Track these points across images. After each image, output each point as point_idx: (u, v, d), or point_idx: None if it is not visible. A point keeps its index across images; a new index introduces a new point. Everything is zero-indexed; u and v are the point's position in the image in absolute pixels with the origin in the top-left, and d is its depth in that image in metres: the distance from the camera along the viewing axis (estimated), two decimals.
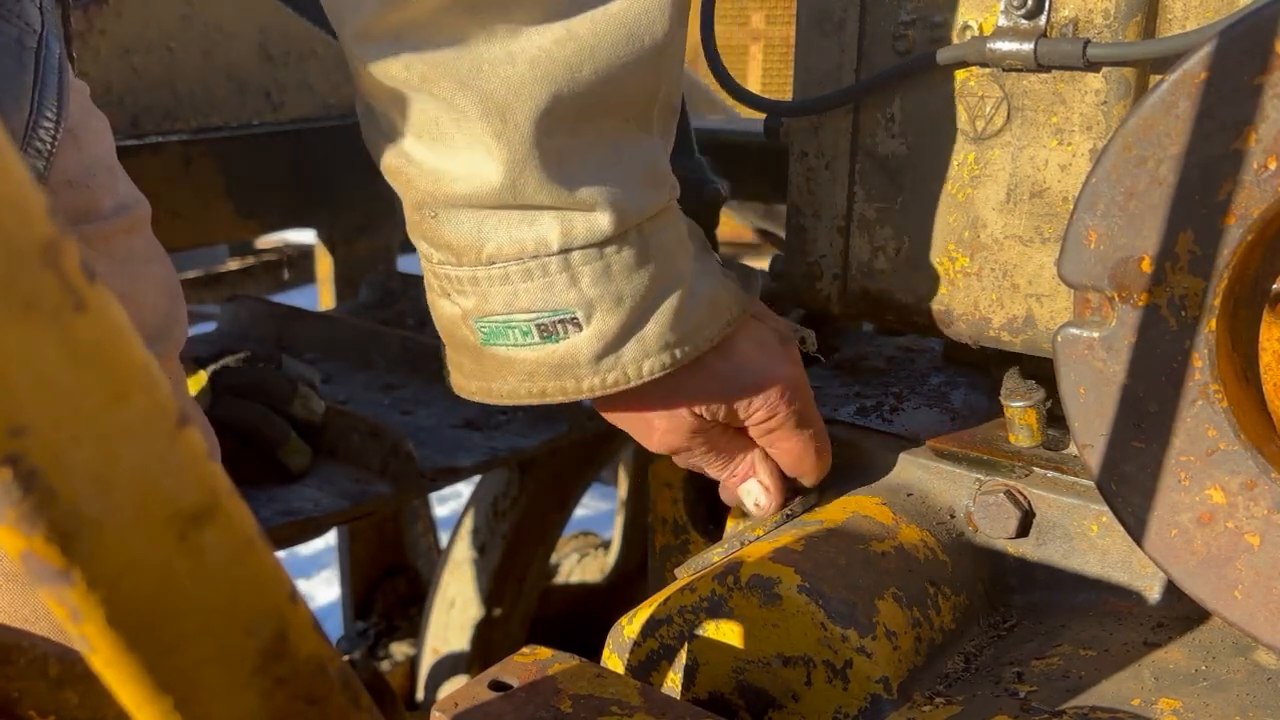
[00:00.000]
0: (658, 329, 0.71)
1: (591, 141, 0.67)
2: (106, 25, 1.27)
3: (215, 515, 0.33)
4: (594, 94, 0.66)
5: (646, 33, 0.66)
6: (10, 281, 0.27)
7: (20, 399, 0.27)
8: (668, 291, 0.72)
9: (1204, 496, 0.63)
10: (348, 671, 0.39)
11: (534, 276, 0.69)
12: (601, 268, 0.69)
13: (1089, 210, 0.63)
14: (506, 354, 0.72)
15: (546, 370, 0.72)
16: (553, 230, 0.68)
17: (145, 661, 0.32)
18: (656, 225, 0.71)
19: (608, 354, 0.71)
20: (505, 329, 0.71)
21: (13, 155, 0.27)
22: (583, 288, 0.69)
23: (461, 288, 0.71)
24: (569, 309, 0.69)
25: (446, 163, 0.67)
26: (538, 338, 0.70)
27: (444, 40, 0.63)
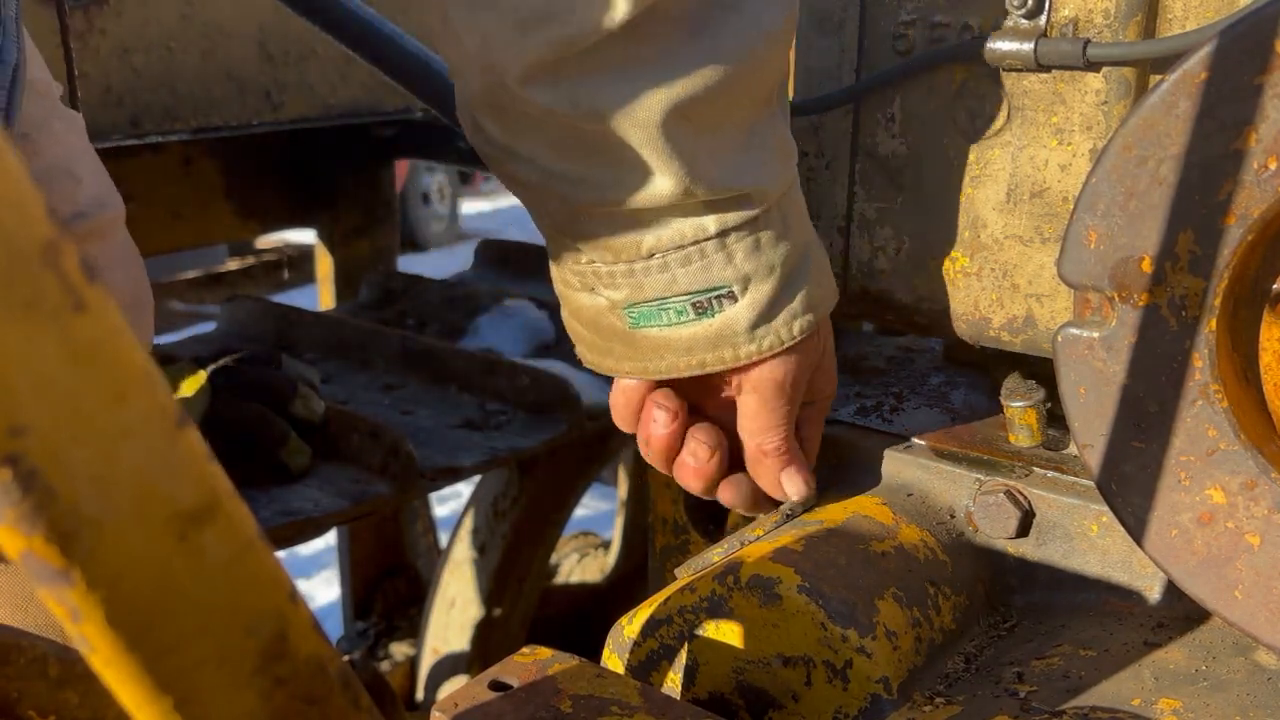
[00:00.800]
0: (803, 291, 0.76)
1: (734, 133, 0.71)
2: (106, 25, 1.27)
3: (215, 515, 0.33)
4: (736, 94, 0.70)
5: (780, 29, 0.71)
6: (10, 281, 0.27)
7: (20, 399, 0.27)
8: (805, 255, 0.77)
9: (1204, 496, 0.63)
10: (348, 671, 0.39)
11: (693, 261, 0.73)
12: (752, 243, 0.73)
13: (1089, 210, 0.63)
14: (660, 334, 0.76)
15: (705, 343, 0.75)
16: (709, 217, 0.72)
17: (145, 661, 0.32)
18: (790, 196, 0.76)
19: (762, 322, 0.75)
20: (659, 311, 0.75)
21: (12, 155, 0.27)
22: (738, 263, 0.73)
23: (613, 281, 0.74)
24: (726, 284, 0.74)
25: (610, 177, 0.70)
26: (693, 314, 0.75)
27: (605, 75, 0.67)
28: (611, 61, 0.66)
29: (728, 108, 0.70)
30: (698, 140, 0.69)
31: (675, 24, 0.67)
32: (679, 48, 0.67)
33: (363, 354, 1.40)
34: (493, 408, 1.28)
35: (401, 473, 1.09)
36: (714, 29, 0.68)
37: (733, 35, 0.68)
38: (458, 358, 1.35)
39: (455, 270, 1.86)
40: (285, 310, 1.49)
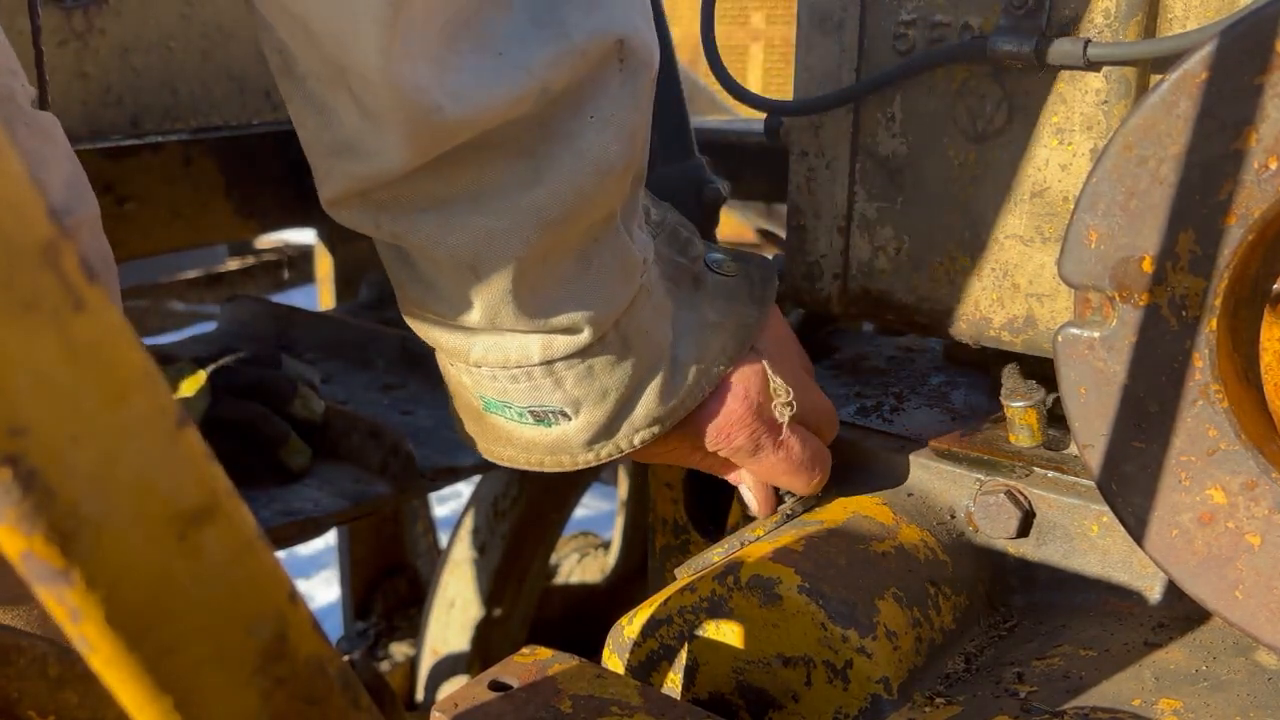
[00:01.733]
0: (645, 409, 0.74)
1: (561, 264, 0.68)
2: (106, 25, 1.27)
3: (215, 515, 0.33)
4: (562, 228, 0.66)
5: (616, 160, 0.66)
6: (10, 281, 0.27)
7: (20, 399, 0.27)
8: (652, 372, 0.73)
9: (1204, 496, 0.63)
10: (348, 672, 0.39)
11: (519, 380, 0.71)
12: (584, 370, 0.71)
13: (1089, 210, 0.63)
14: (505, 427, 0.75)
15: (542, 448, 0.75)
16: (533, 346, 0.69)
17: (145, 661, 0.32)
18: (631, 313, 0.71)
19: (599, 439, 0.74)
20: (502, 407, 0.74)
21: (12, 155, 0.27)
22: (567, 389, 0.71)
23: (456, 369, 0.74)
24: (556, 406, 0.72)
25: (433, 285, 0.69)
26: (532, 421, 0.74)
27: (410, 203, 0.64)
28: (417, 197, 0.64)
29: (553, 243, 0.66)
30: (518, 276, 0.66)
31: (497, 159, 0.63)
32: (497, 183, 0.64)
33: (363, 354, 1.40)
34: None
35: (401, 473, 1.09)
36: (540, 163, 0.64)
37: (560, 169, 0.64)
38: None
39: None
40: (285, 310, 1.49)
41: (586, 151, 0.64)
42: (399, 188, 0.63)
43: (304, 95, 0.63)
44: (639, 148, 0.68)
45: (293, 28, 0.59)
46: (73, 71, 1.25)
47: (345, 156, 0.62)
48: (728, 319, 0.77)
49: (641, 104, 0.67)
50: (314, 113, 0.63)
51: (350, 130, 0.61)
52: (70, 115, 1.24)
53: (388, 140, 0.60)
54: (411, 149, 0.60)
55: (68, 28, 1.24)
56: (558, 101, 0.62)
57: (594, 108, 0.64)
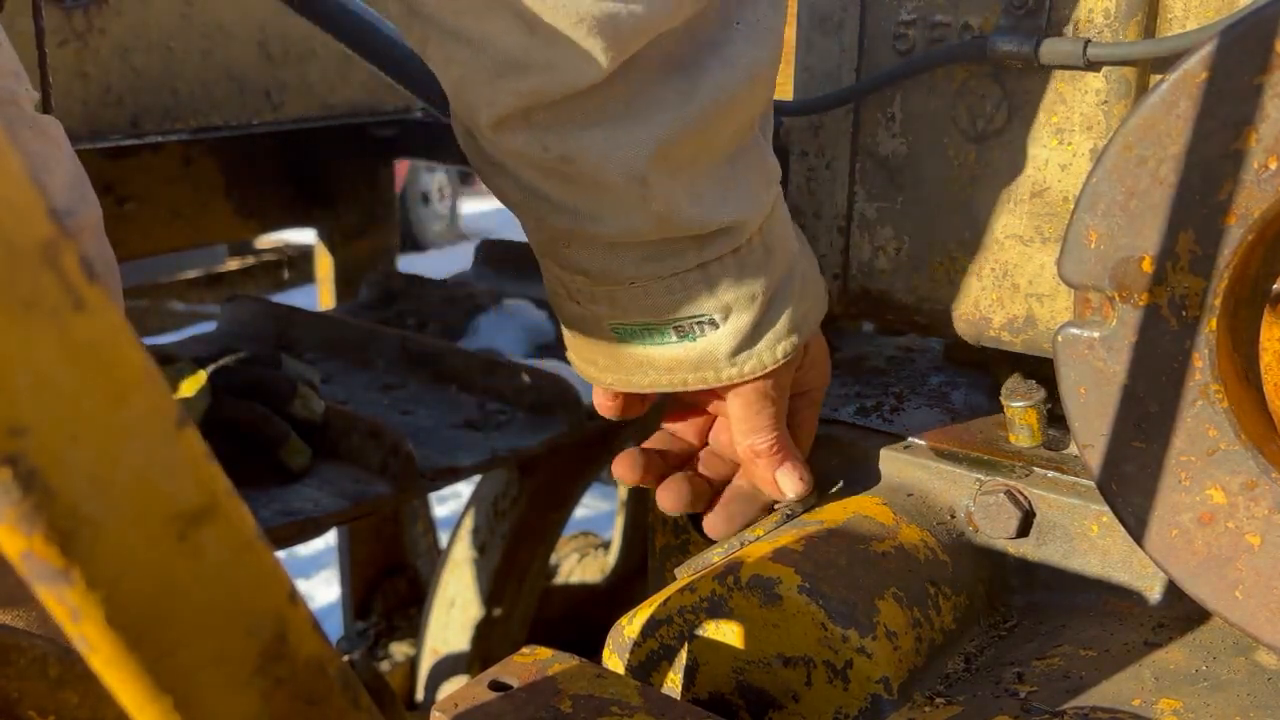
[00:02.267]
0: (786, 315, 0.75)
1: (714, 168, 0.70)
2: (106, 25, 1.27)
3: (215, 515, 0.33)
4: (716, 131, 0.69)
5: (763, 67, 0.69)
6: (10, 281, 0.27)
7: (20, 399, 0.27)
8: (790, 278, 0.76)
9: (1204, 496, 0.63)
10: (348, 672, 0.39)
11: (674, 291, 0.72)
12: (735, 272, 0.73)
13: (1089, 210, 0.63)
14: (645, 352, 0.76)
15: (687, 365, 0.75)
16: (690, 251, 0.71)
17: (145, 662, 0.32)
18: (772, 218, 0.75)
19: (744, 348, 0.75)
20: (643, 331, 0.74)
21: (12, 155, 0.27)
22: (719, 293, 0.73)
23: (596, 300, 0.74)
24: (707, 313, 0.73)
25: (590, 211, 0.69)
26: (675, 338, 0.74)
27: (575, 121, 0.65)
28: (585, 112, 0.65)
29: (707, 146, 0.69)
30: (675, 180, 0.68)
31: (653, 72, 0.65)
32: (656, 95, 0.66)
33: (363, 354, 1.40)
34: (493, 408, 1.28)
35: (401, 473, 1.09)
36: (693, 74, 0.66)
37: (713, 78, 0.66)
38: (458, 358, 1.35)
39: (455, 270, 1.86)
40: (285, 310, 1.49)
41: (737, 59, 0.67)
42: (563, 107, 0.64)
43: (443, 32, 0.64)
44: (779, 52, 0.71)
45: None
46: (73, 71, 1.25)
47: (511, 76, 0.63)
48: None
49: (780, 7, 0.70)
50: (462, 45, 0.64)
51: (515, 48, 0.62)
52: (70, 115, 1.24)
53: (564, 51, 0.61)
54: (610, 56, 0.61)
55: (68, 28, 1.24)
56: (706, 12, 0.65)
57: (739, 14, 0.67)
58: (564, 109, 0.64)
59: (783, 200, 0.77)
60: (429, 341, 1.40)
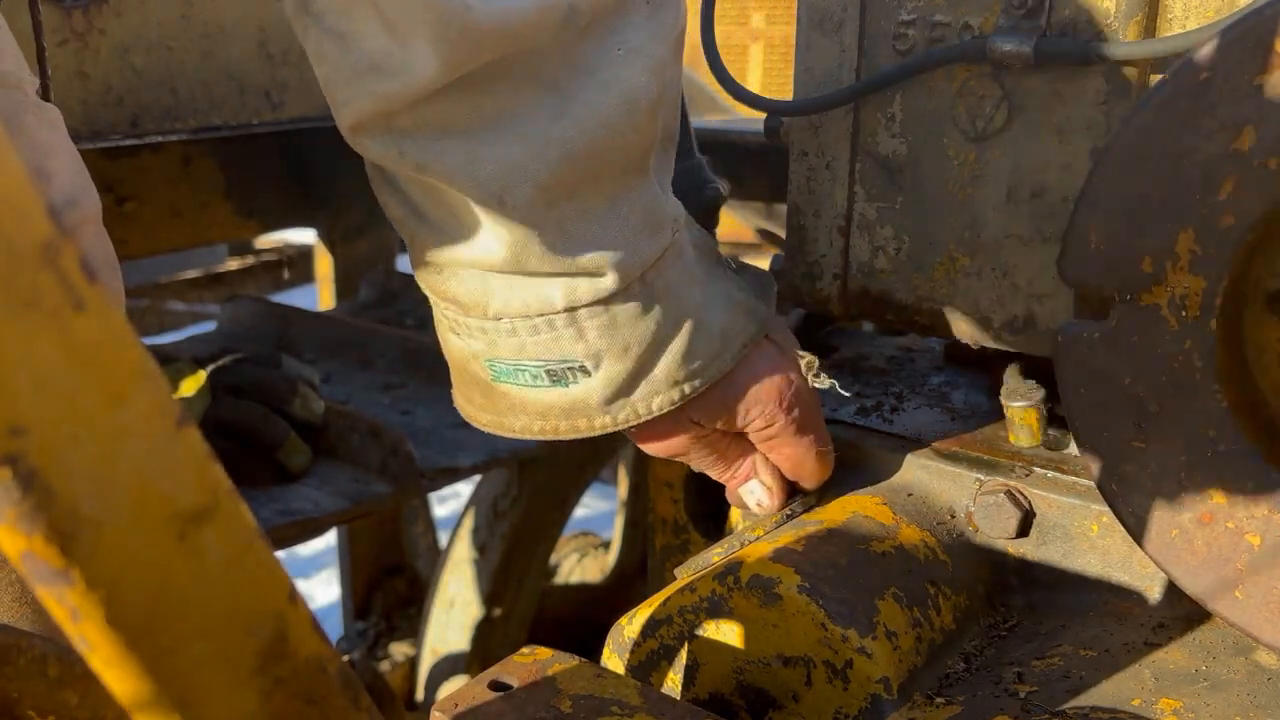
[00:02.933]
0: (666, 368, 0.72)
1: (590, 203, 0.67)
2: (106, 25, 1.27)
3: (215, 515, 0.33)
4: (591, 163, 0.66)
5: (643, 94, 0.66)
6: (10, 281, 0.27)
7: (20, 399, 0.27)
8: (676, 330, 0.72)
9: (1204, 496, 0.63)
10: (348, 672, 0.39)
11: (540, 331, 0.70)
12: (607, 321, 0.70)
13: (1089, 210, 0.63)
14: (519, 394, 0.73)
15: (558, 411, 0.73)
16: (557, 292, 0.68)
17: (145, 662, 0.32)
18: (660, 268, 0.71)
19: (618, 397, 0.72)
20: (515, 371, 0.72)
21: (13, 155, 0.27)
22: (589, 340, 0.70)
23: (470, 332, 0.72)
24: (576, 359, 0.70)
25: (451, 230, 0.68)
26: (548, 382, 0.72)
27: (435, 129, 0.64)
28: (442, 120, 0.63)
29: (581, 178, 0.66)
30: (545, 210, 0.65)
31: (522, 90, 0.63)
32: (523, 113, 0.64)
33: (363, 354, 1.40)
34: None
35: (401, 473, 1.09)
36: (565, 96, 0.64)
37: (586, 101, 0.64)
38: None
39: None
40: (285, 310, 1.48)
41: (613, 84, 0.64)
42: (424, 110, 0.63)
43: (322, 29, 0.63)
44: (667, 84, 0.68)
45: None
46: (73, 71, 1.24)
47: (369, 77, 0.62)
48: (747, 300, 0.77)
49: (668, 38, 0.67)
50: (334, 42, 0.63)
51: (375, 49, 0.61)
52: (70, 115, 1.24)
53: (416, 52, 0.60)
54: (441, 58, 0.60)
55: (68, 27, 1.24)
56: (584, 31, 0.63)
57: (620, 40, 0.64)
58: (420, 115, 0.63)
59: (688, 249, 0.74)
60: (429, 341, 1.39)
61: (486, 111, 0.63)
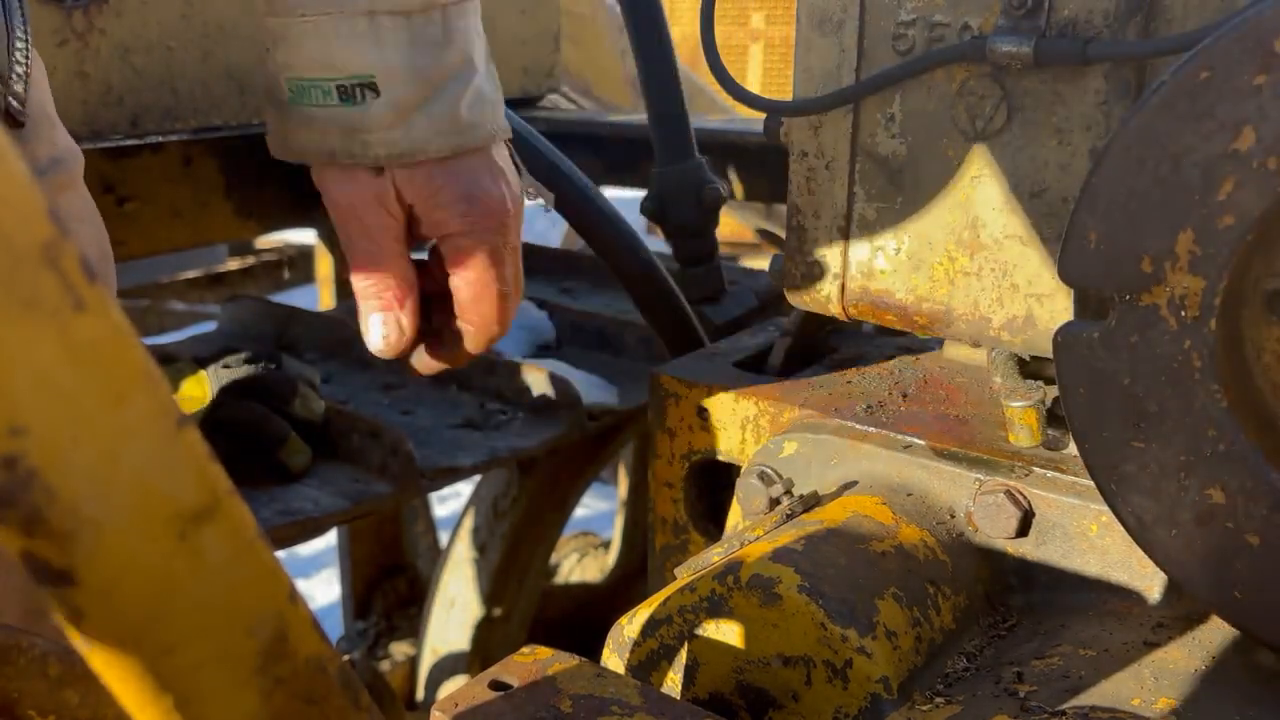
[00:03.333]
0: (449, 111, 0.75)
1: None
2: (106, 25, 1.27)
3: (215, 515, 0.33)
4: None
5: None
6: (10, 281, 0.27)
7: (20, 399, 0.27)
8: (464, 78, 0.75)
9: (1204, 496, 0.63)
10: (348, 671, 0.39)
11: (341, 35, 0.72)
12: (406, 37, 0.72)
13: (1089, 210, 0.63)
14: (308, 113, 0.76)
15: (338, 131, 0.75)
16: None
17: (145, 661, 0.32)
18: (461, 9, 0.75)
19: (398, 125, 0.74)
20: (309, 88, 0.74)
21: (13, 155, 0.27)
22: (385, 51, 0.72)
23: (275, 44, 0.75)
24: (368, 73, 0.73)
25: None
26: (336, 99, 0.74)
27: None
28: None
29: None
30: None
31: None
32: None
33: (363, 354, 1.40)
34: (493, 408, 1.28)
35: (401, 472, 1.09)
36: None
37: None
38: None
39: None
40: (285, 310, 1.48)
41: None
42: None
43: None
44: None
45: None
46: (73, 71, 1.24)
47: None
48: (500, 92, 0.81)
49: None
50: None
51: None
52: (70, 115, 1.24)
53: None
54: None
55: (68, 28, 1.24)
56: None
57: None
58: None
59: (478, 21, 0.77)
60: None
61: None
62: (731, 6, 4.22)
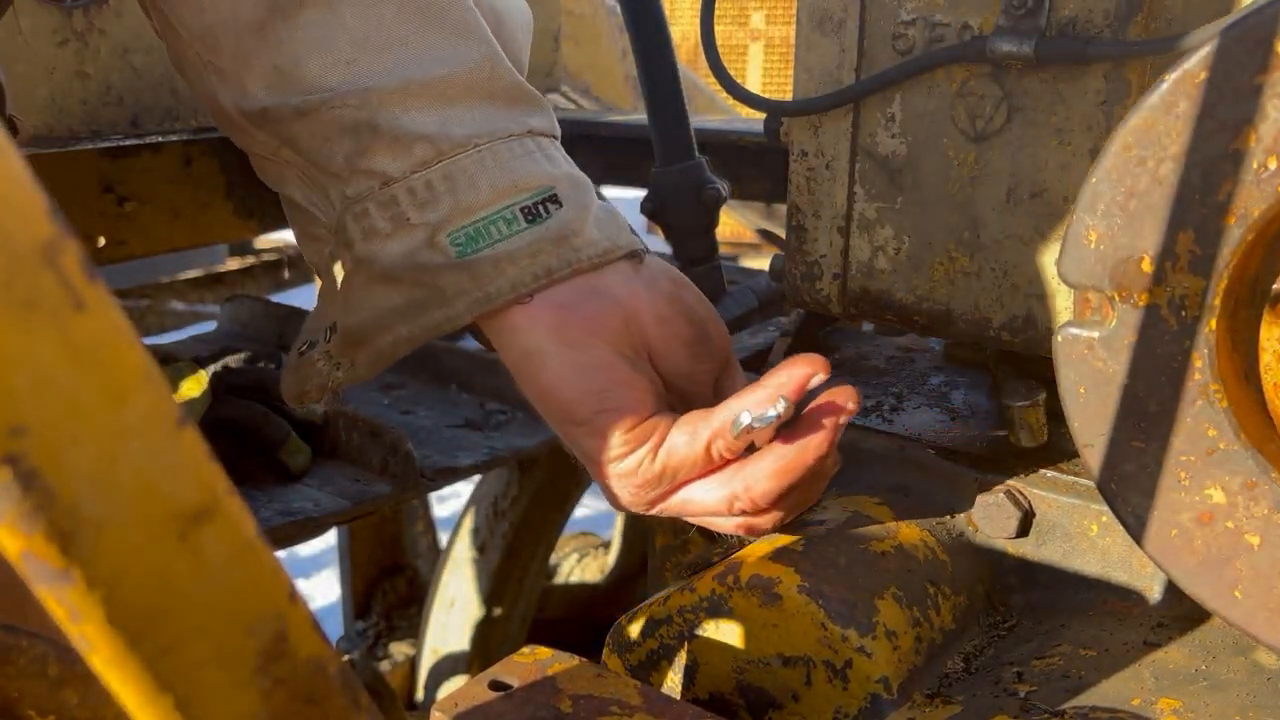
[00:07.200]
0: (607, 210, 0.74)
1: (512, 59, 0.75)
2: (106, 25, 1.27)
3: (215, 515, 0.33)
4: (519, 42, 0.77)
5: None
6: (10, 281, 0.27)
7: (20, 399, 0.27)
8: (598, 198, 0.76)
9: (1204, 496, 0.63)
10: (348, 672, 0.39)
11: (516, 154, 0.70)
12: (559, 153, 0.74)
13: (1089, 210, 0.63)
14: (494, 252, 0.68)
15: (547, 242, 0.69)
16: (514, 118, 0.71)
17: (145, 661, 0.32)
18: (557, 142, 0.77)
19: (587, 227, 0.71)
20: (488, 226, 0.68)
21: (14, 155, 0.27)
22: (553, 163, 0.72)
23: (433, 192, 0.68)
24: (549, 185, 0.70)
25: (410, 60, 0.68)
26: (523, 222, 0.68)
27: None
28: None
29: (519, 46, 0.76)
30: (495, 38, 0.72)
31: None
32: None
33: None
34: (493, 407, 1.28)
35: (401, 472, 1.09)
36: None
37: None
38: (457, 357, 1.35)
39: None
40: (285, 310, 1.48)
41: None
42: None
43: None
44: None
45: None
46: (73, 71, 1.24)
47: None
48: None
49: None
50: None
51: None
52: (70, 115, 1.24)
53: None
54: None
55: (68, 28, 1.24)
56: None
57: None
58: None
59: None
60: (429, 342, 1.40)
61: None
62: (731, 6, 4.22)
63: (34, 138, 1.17)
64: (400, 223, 0.69)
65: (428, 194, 0.68)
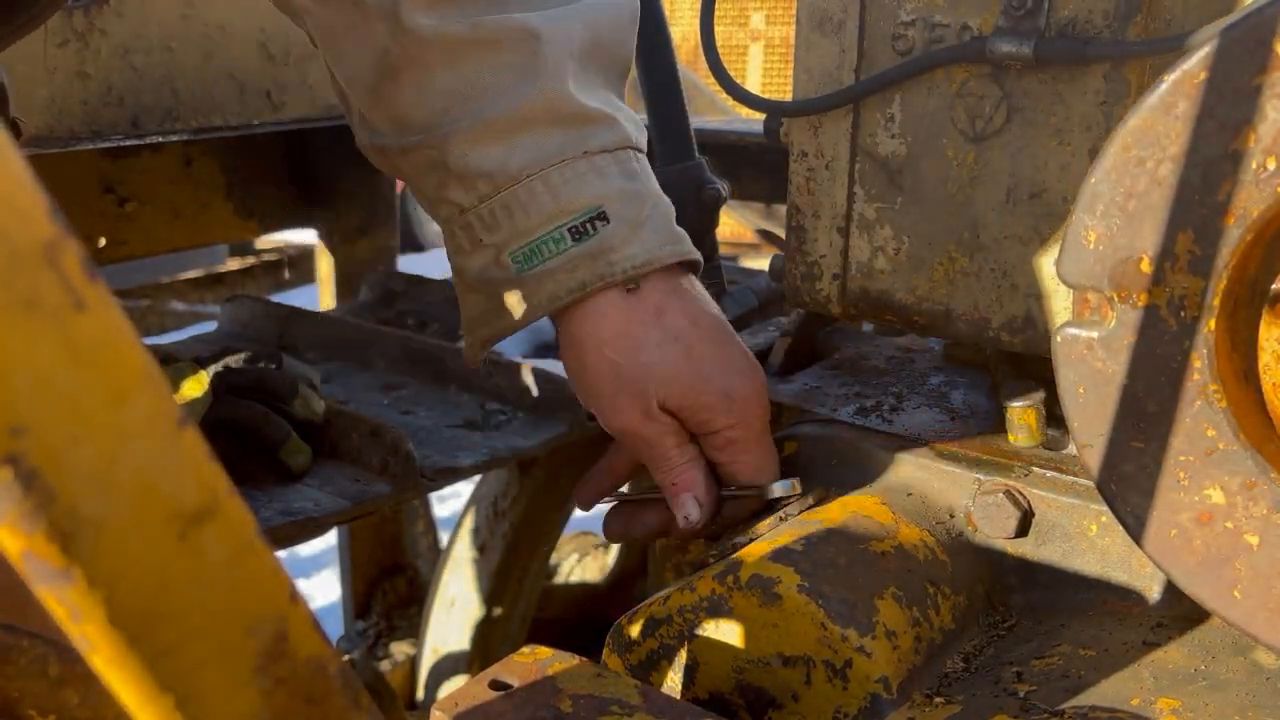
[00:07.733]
0: (665, 222, 0.81)
1: (603, 83, 0.80)
2: (106, 25, 1.27)
3: (215, 515, 0.33)
4: (605, 49, 0.80)
5: (632, 5, 0.82)
6: (10, 281, 0.27)
7: (20, 399, 0.28)
8: (664, 201, 0.82)
9: (1203, 496, 0.63)
10: (348, 671, 0.39)
11: (567, 179, 0.77)
12: (617, 169, 0.79)
13: (1088, 210, 0.63)
14: (543, 269, 0.79)
15: (585, 259, 0.78)
16: (570, 142, 0.77)
17: (145, 661, 0.32)
18: (639, 154, 0.81)
19: (633, 240, 0.78)
20: (539, 247, 0.78)
21: (15, 156, 0.27)
22: (606, 181, 0.78)
23: (495, 219, 0.78)
24: (597, 204, 0.77)
25: (484, 104, 0.76)
26: (570, 241, 0.77)
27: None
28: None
29: (600, 60, 0.79)
30: (576, 68, 0.77)
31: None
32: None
33: (363, 354, 1.40)
34: (493, 408, 1.28)
35: (401, 472, 1.09)
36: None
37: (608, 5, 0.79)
38: (458, 358, 1.35)
39: None
40: (286, 310, 1.48)
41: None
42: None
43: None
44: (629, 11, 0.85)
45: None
46: (73, 71, 1.24)
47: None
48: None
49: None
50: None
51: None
52: (70, 115, 1.24)
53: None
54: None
55: (68, 28, 1.24)
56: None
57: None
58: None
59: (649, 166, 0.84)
60: (429, 341, 1.40)
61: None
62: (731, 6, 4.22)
63: (34, 138, 1.17)
64: (476, 243, 0.80)
65: (492, 220, 0.78)
